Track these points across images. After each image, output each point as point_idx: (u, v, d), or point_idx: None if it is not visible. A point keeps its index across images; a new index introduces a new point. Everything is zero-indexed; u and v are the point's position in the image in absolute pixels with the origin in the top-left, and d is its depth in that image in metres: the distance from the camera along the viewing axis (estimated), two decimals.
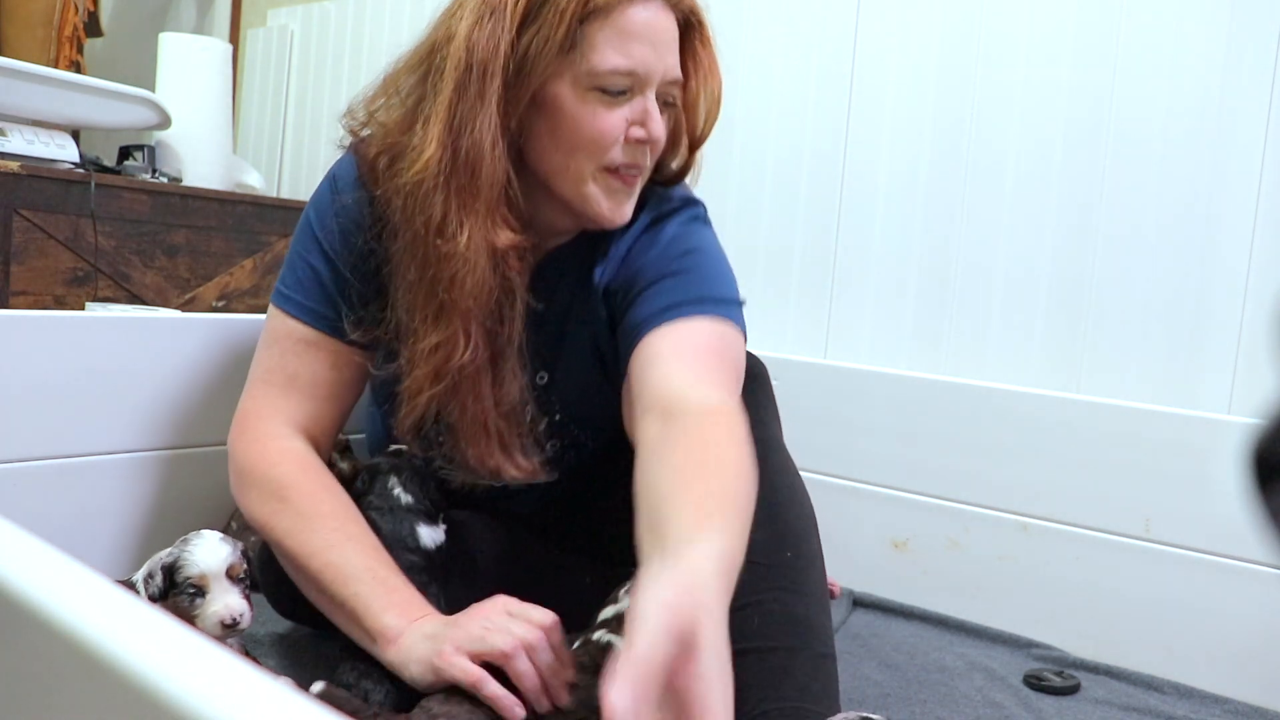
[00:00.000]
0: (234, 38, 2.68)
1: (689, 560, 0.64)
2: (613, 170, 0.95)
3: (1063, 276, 1.41)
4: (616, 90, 0.92)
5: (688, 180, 1.08)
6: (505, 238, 0.92)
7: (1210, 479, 1.20)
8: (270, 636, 1.12)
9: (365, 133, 1.02)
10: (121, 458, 1.26)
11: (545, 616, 0.85)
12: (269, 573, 1.08)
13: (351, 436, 1.42)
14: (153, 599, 0.89)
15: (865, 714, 0.76)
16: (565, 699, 0.82)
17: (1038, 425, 1.34)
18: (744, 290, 1.00)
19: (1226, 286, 1.28)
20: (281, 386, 1.03)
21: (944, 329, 1.52)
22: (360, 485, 1.02)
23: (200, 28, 2.81)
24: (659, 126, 0.95)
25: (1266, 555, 1.15)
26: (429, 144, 0.90)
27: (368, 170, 0.99)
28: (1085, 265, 1.39)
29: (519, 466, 0.99)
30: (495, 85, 0.89)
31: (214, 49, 2.26)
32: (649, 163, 0.98)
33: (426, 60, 0.94)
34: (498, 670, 0.82)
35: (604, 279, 1.03)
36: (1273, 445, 0.42)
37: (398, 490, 0.99)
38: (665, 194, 1.06)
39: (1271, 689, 1.15)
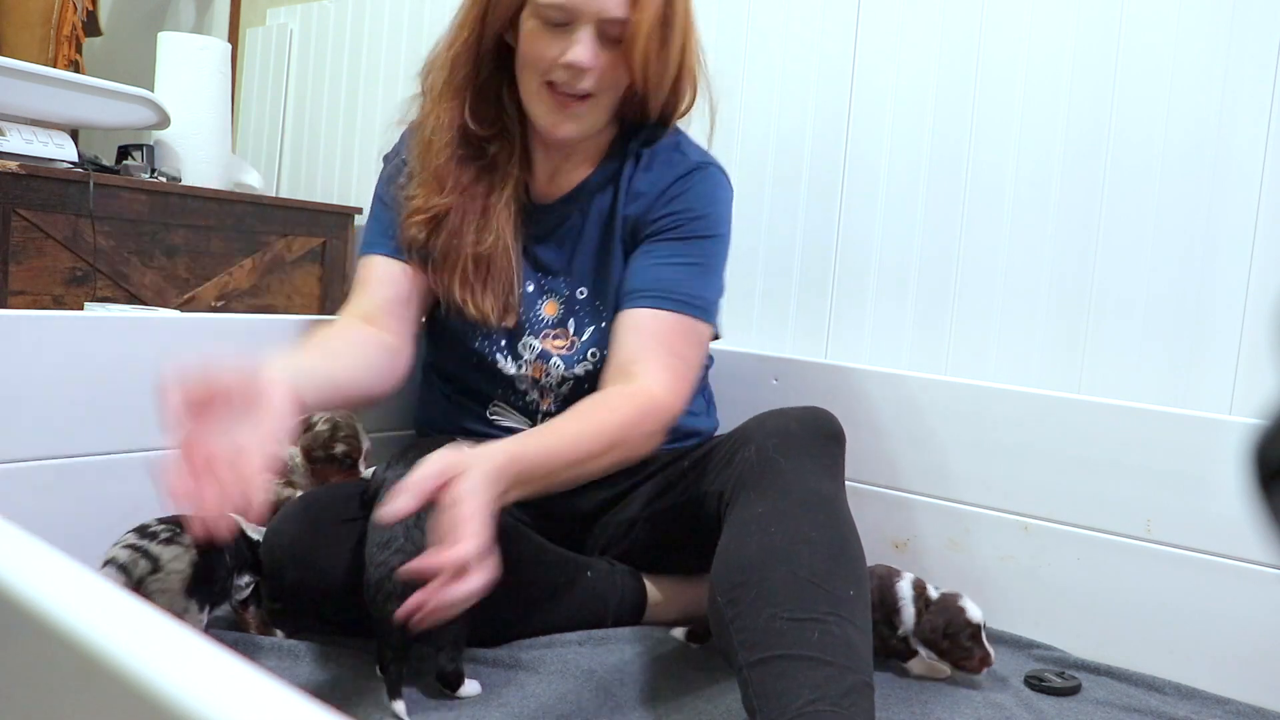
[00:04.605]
0: (233, 37, 2.67)
1: (482, 448, 0.90)
2: (550, 86, 1.17)
3: (1063, 276, 1.41)
4: (555, 21, 1.13)
5: (706, 143, 1.28)
6: (463, 116, 1.21)
7: (1211, 479, 1.20)
8: (274, 639, 1.12)
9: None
10: (121, 458, 1.25)
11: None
12: (274, 555, 1.11)
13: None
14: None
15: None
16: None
17: (1038, 425, 1.33)
18: (744, 290, 0.99)
19: (1227, 286, 1.28)
20: (354, 299, 1.25)
21: (944, 329, 1.52)
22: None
23: (199, 27, 2.81)
24: (583, 52, 1.13)
25: (1267, 555, 1.15)
26: (441, 45, 1.23)
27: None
28: (1086, 265, 1.39)
29: (477, 306, 1.22)
30: (483, 6, 1.18)
31: (213, 48, 2.25)
32: (583, 86, 1.16)
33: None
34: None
35: (626, 209, 1.24)
36: (1274, 445, 0.42)
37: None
38: (679, 144, 1.27)
39: (1273, 690, 1.15)
